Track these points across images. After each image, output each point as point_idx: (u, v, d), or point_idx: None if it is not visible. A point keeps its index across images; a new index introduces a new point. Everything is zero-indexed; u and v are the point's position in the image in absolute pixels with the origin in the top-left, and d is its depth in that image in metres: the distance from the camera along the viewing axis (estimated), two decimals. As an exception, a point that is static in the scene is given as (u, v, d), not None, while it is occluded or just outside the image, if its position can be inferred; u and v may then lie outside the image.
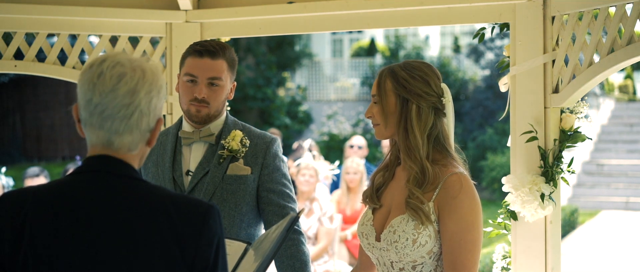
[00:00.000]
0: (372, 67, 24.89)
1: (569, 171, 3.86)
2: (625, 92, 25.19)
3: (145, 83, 2.23)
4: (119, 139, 2.24)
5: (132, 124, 2.23)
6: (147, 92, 2.23)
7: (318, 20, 4.40)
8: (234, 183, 3.54)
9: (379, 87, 3.12)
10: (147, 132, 2.28)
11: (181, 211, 2.21)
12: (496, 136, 19.31)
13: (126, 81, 2.22)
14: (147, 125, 2.26)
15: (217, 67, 3.52)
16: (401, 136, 3.09)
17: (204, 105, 3.53)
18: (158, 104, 2.27)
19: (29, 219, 2.21)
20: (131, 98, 2.21)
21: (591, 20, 3.70)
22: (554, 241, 3.92)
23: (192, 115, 3.56)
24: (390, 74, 3.11)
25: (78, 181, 2.26)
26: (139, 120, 2.24)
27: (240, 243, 3.05)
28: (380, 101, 3.11)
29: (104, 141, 2.26)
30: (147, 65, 2.27)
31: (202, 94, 3.50)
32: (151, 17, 4.53)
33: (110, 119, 2.22)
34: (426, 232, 2.98)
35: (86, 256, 2.17)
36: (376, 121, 3.14)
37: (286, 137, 20.03)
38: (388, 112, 3.09)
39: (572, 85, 3.77)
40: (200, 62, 3.51)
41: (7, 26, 4.45)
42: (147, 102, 2.23)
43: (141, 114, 2.23)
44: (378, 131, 3.16)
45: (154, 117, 2.28)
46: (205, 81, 3.51)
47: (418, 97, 3.07)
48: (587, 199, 17.68)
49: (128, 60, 2.25)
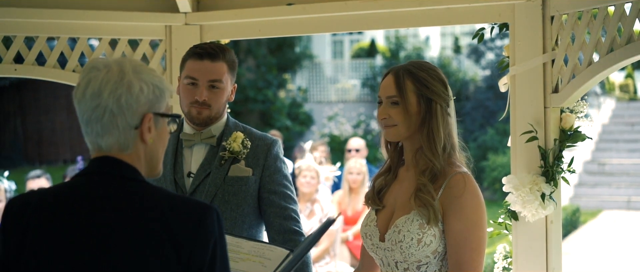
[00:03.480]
0: (372, 68, 24.88)
1: (569, 170, 3.85)
2: (626, 92, 25.18)
3: (108, 83, 2.24)
4: (103, 141, 2.27)
5: (107, 125, 2.25)
6: (111, 91, 2.23)
7: (318, 22, 4.40)
8: (236, 185, 3.54)
9: (400, 88, 3.08)
10: (131, 130, 2.27)
11: (177, 211, 2.22)
12: (497, 136, 19.30)
13: (92, 85, 2.25)
14: (127, 124, 2.26)
15: (217, 69, 3.53)
16: (425, 136, 3.06)
17: (205, 107, 3.54)
18: (133, 100, 2.25)
19: (32, 222, 2.25)
20: (97, 100, 2.24)
21: (590, 19, 3.70)
22: (555, 241, 3.92)
23: (193, 118, 3.57)
24: (409, 75, 3.08)
25: (77, 184, 2.29)
26: (112, 120, 2.24)
27: (282, 250, 3.10)
28: (403, 102, 3.07)
29: (93, 144, 2.29)
30: (116, 65, 2.27)
31: (203, 96, 3.51)
32: (151, 20, 4.53)
33: (89, 123, 2.27)
34: (431, 231, 2.98)
35: (82, 258, 2.19)
36: (392, 122, 3.09)
37: (287, 139, 20.03)
38: (412, 112, 3.07)
39: (572, 85, 3.77)
40: (201, 65, 3.52)
41: (7, 30, 4.46)
42: (114, 101, 2.23)
43: (112, 114, 2.24)
44: (395, 132, 3.11)
45: (133, 114, 2.26)
46: (206, 84, 3.52)
47: (439, 97, 3.08)
48: (589, 199, 17.66)
49: (104, 64, 2.27)
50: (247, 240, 3.18)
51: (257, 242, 3.22)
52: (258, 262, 3.09)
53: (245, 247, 3.12)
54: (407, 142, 3.14)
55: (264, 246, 3.19)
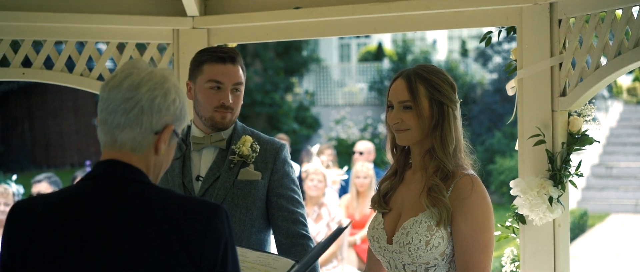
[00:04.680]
0: (379, 71, 24.89)
1: (577, 174, 3.85)
2: (634, 95, 25.09)
3: (149, 81, 2.27)
4: (121, 134, 2.27)
5: (132, 119, 2.26)
6: (149, 89, 2.26)
7: (325, 25, 4.41)
8: (245, 188, 3.55)
9: (412, 92, 3.07)
10: (151, 134, 2.28)
11: (186, 211, 2.22)
12: (505, 140, 19.28)
13: (132, 78, 2.27)
14: (150, 125, 2.27)
15: (239, 73, 3.55)
16: (437, 139, 3.06)
17: (229, 111, 3.54)
18: (164, 106, 2.28)
19: (38, 226, 2.25)
20: (132, 92, 2.26)
21: (598, 23, 3.69)
22: (562, 244, 3.91)
23: (216, 123, 3.55)
24: (420, 79, 3.08)
25: (85, 187, 2.29)
26: (138, 116, 2.26)
27: (288, 260, 3.11)
28: (416, 106, 3.06)
29: (108, 137, 2.29)
30: (160, 70, 2.32)
31: (230, 100, 3.51)
32: (158, 24, 4.54)
33: (113, 113, 2.27)
34: (439, 233, 2.98)
35: (92, 261, 2.19)
36: (405, 126, 3.08)
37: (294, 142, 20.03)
38: (425, 116, 3.07)
39: (580, 88, 3.76)
40: (225, 69, 3.52)
41: (15, 34, 4.47)
42: (148, 99, 2.26)
43: (141, 110, 2.26)
44: (408, 136, 3.10)
45: (159, 119, 2.28)
46: (231, 87, 3.52)
47: (449, 101, 3.09)
48: (597, 202, 17.62)
49: (146, 67, 2.32)
50: (252, 250, 3.18)
51: (263, 253, 3.22)
52: (264, 271, 3.09)
53: (251, 256, 3.12)
54: (415, 145, 3.14)
55: (270, 256, 3.19)
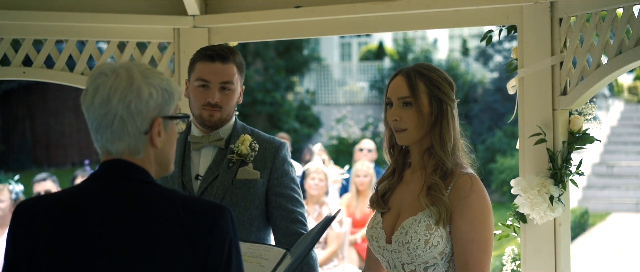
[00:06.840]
0: (380, 70, 24.88)
1: (577, 172, 3.85)
2: (635, 94, 25.10)
3: (117, 89, 2.23)
4: (113, 147, 2.26)
5: (117, 131, 2.24)
6: (120, 98, 2.22)
7: (326, 24, 4.40)
8: (244, 187, 3.55)
9: (412, 88, 3.06)
10: (142, 135, 2.27)
11: (192, 211, 2.22)
12: (505, 139, 19.28)
13: (100, 92, 2.24)
14: (137, 129, 2.25)
15: (228, 71, 3.54)
16: (436, 136, 3.05)
17: (216, 109, 3.54)
18: (142, 106, 2.25)
19: (43, 226, 2.24)
20: (106, 107, 2.23)
21: (599, 21, 3.69)
22: (563, 243, 3.91)
23: (204, 120, 3.57)
24: (420, 76, 3.08)
25: (89, 187, 2.28)
26: (122, 126, 2.24)
27: (279, 249, 3.10)
28: (416, 103, 3.05)
29: (103, 149, 2.29)
30: (125, 70, 2.26)
31: (215, 98, 3.51)
32: (159, 23, 4.53)
33: (99, 130, 2.26)
34: (438, 232, 2.98)
35: (96, 261, 2.19)
36: (404, 125, 3.07)
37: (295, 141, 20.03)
38: (425, 113, 3.06)
39: (580, 87, 3.76)
40: (212, 67, 3.52)
41: (16, 33, 4.47)
42: (124, 108, 2.23)
43: (122, 120, 2.23)
44: (406, 136, 3.09)
45: (142, 120, 2.26)
46: (218, 86, 3.52)
47: (448, 98, 3.09)
48: (597, 201, 17.62)
49: (111, 69, 2.26)
50: (242, 241, 3.18)
51: (252, 243, 3.22)
52: (256, 263, 3.08)
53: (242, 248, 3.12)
54: (415, 144, 3.13)
55: (260, 246, 3.20)
